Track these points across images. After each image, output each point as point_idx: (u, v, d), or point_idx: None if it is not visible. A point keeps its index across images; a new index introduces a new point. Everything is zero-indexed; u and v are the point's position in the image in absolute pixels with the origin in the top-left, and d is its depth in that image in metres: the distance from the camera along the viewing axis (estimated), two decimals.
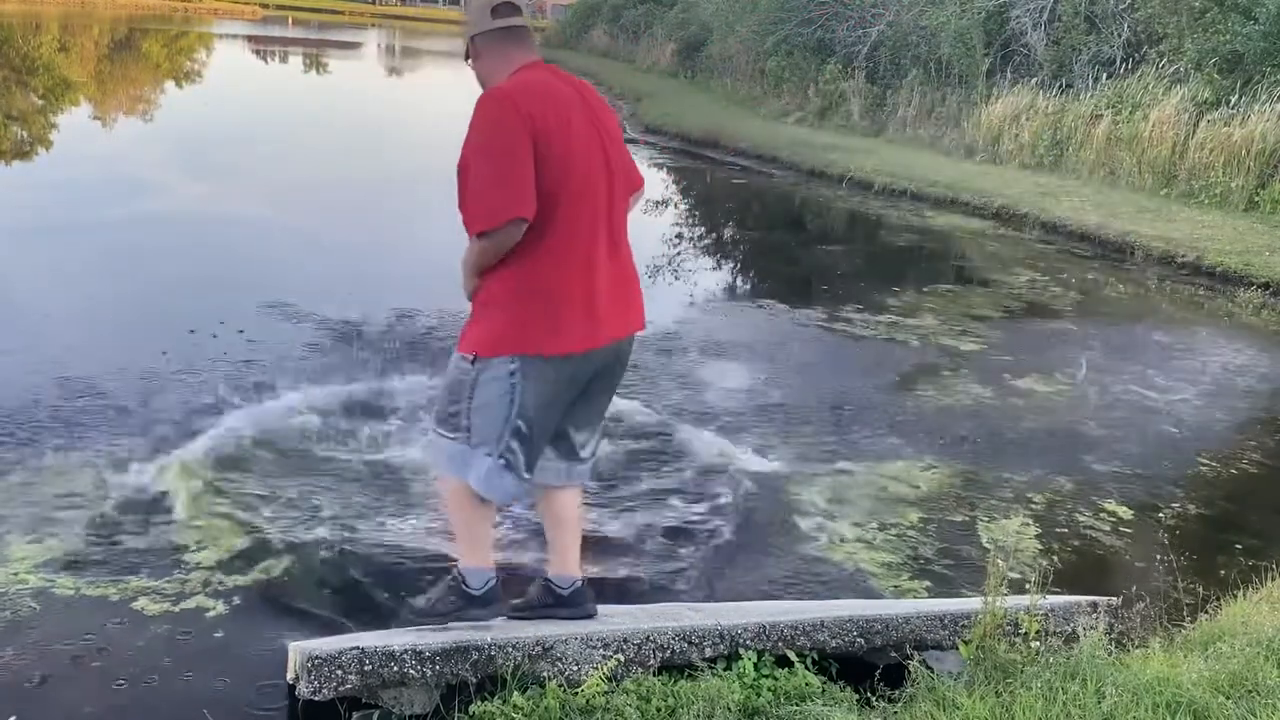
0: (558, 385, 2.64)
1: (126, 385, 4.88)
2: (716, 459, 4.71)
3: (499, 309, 2.61)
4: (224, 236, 8.53)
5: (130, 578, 3.33)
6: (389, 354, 5.66)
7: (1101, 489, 4.84)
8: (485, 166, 2.52)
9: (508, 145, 2.50)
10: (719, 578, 3.72)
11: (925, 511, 4.41)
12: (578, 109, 2.63)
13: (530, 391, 2.60)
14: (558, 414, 2.71)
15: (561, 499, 2.94)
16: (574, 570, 2.99)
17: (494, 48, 2.71)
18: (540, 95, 2.57)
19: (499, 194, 2.50)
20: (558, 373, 2.62)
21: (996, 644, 2.84)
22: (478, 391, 2.62)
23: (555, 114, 2.56)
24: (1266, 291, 9.10)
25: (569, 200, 2.56)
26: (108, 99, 17.23)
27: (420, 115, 20.30)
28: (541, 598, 2.99)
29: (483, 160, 2.53)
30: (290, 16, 52.93)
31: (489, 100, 2.56)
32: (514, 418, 2.61)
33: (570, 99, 2.63)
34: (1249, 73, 13.13)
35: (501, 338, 2.60)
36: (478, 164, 2.54)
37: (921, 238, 11.30)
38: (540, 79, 2.64)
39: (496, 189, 2.50)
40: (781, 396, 5.69)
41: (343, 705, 2.62)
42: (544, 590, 3.00)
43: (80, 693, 2.81)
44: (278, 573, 3.44)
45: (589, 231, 2.61)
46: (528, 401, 2.61)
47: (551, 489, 2.91)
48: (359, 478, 4.17)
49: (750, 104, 20.96)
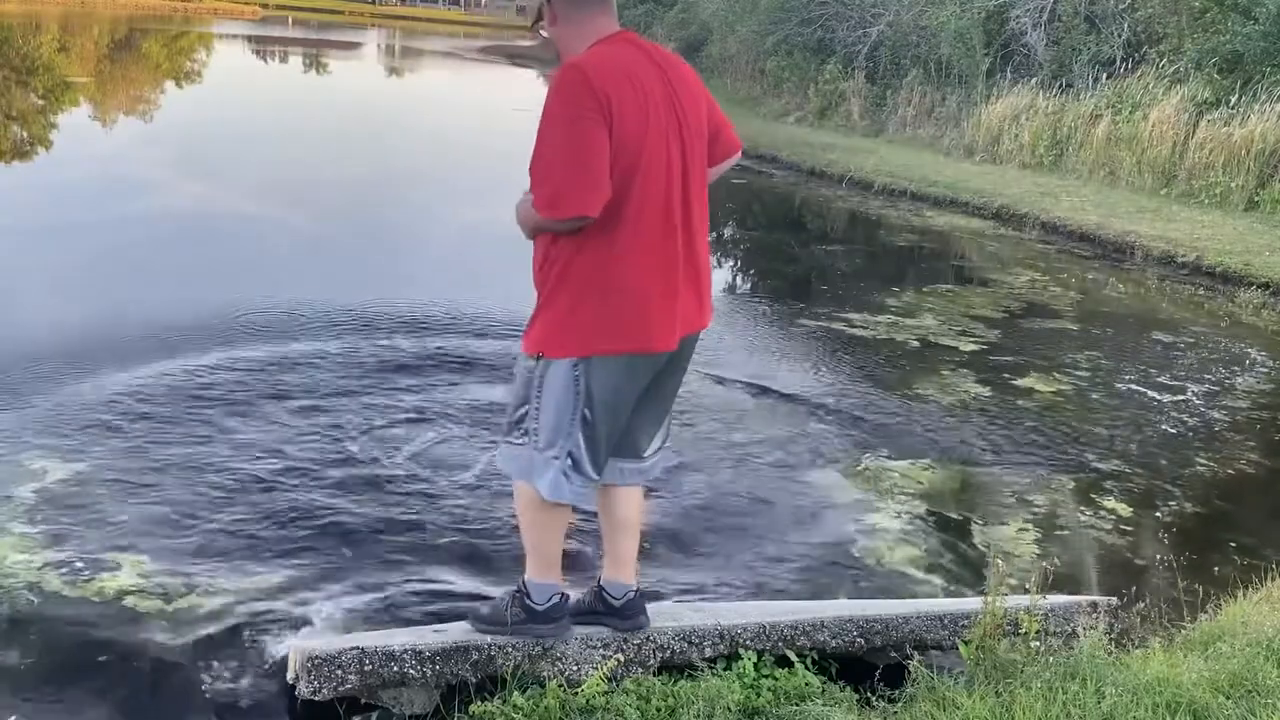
0: (623, 383, 2.55)
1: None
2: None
3: (562, 305, 2.50)
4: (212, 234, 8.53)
5: (132, 574, 3.33)
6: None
7: (1101, 488, 4.84)
8: (559, 146, 2.39)
9: (582, 129, 2.36)
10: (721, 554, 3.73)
11: (927, 511, 4.41)
12: (659, 90, 2.48)
13: (596, 390, 2.51)
14: (625, 412, 2.61)
15: (622, 498, 2.82)
16: (629, 577, 2.87)
17: (574, 14, 2.55)
18: (621, 74, 2.42)
19: (568, 183, 2.38)
20: (624, 371, 2.53)
21: (996, 644, 2.84)
22: (545, 390, 2.54)
23: (634, 96, 2.42)
24: (1266, 291, 9.10)
25: (640, 191, 2.44)
26: (107, 99, 17.23)
27: (417, 116, 20.30)
28: (593, 604, 2.88)
29: (559, 135, 2.39)
30: (290, 16, 52.92)
31: (569, 74, 2.40)
32: (580, 417, 2.52)
33: (651, 80, 2.47)
34: (1249, 73, 13.13)
35: (565, 337, 2.50)
36: (552, 137, 2.40)
37: (921, 238, 11.30)
38: (622, 55, 2.48)
39: (567, 175, 2.38)
40: (782, 397, 5.69)
41: (342, 705, 2.62)
42: (596, 597, 2.89)
43: (81, 692, 2.81)
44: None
45: (658, 224, 2.49)
46: (594, 401, 2.52)
47: (612, 488, 2.79)
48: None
49: (750, 104, 20.97)
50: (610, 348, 2.49)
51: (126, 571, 3.36)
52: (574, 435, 2.55)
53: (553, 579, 2.76)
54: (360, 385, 5.18)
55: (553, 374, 2.53)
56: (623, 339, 2.49)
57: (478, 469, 4.33)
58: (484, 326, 6.28)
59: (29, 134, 13.06)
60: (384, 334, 6.04)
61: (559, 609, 2.75)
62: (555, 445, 2.57)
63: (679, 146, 2.51)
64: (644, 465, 2.81)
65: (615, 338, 2.49)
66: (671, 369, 2.68)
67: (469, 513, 3.96)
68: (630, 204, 2.43)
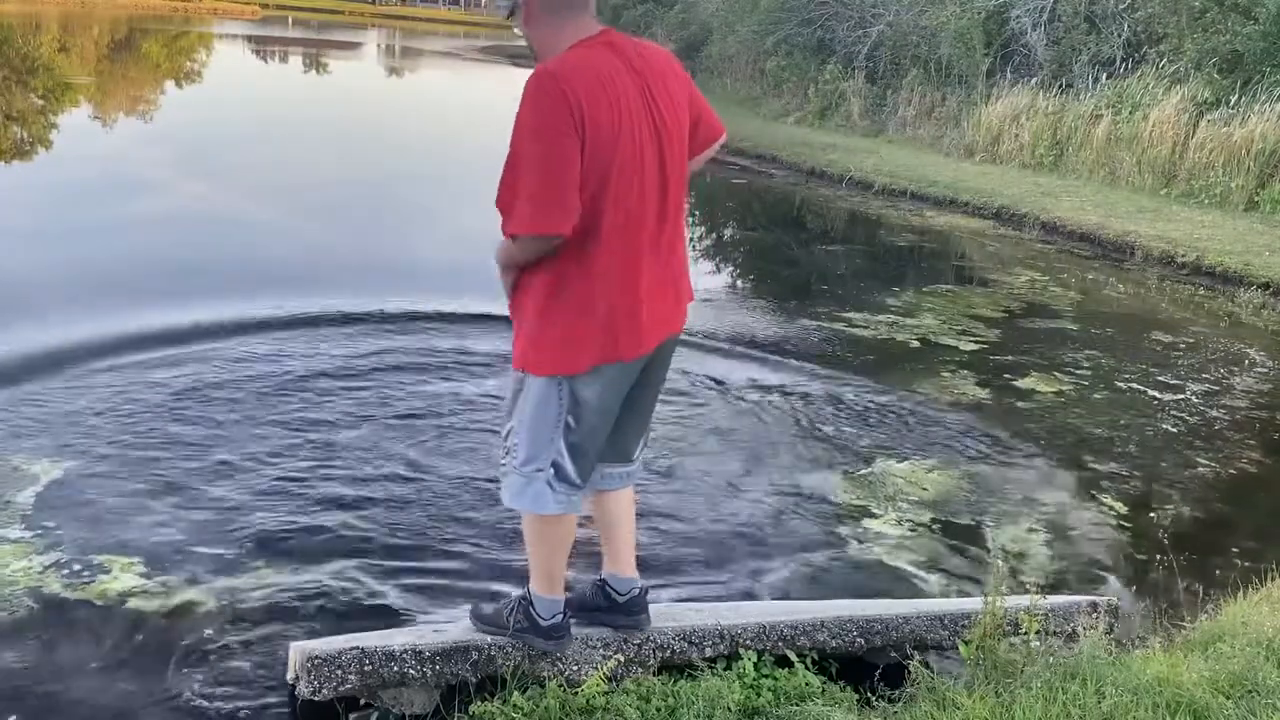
0: (606, 391, 2.54)
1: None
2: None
3: (540, 322, 2.48)
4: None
5: (130, 576, 3.33)
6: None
7: (1101, 489, 4.84)
8: (531, 160, 2.31)
9: (555, 143, 2.29)
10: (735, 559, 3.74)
11: (928, 512, 4.41)
12: (634, 96, 2.40)
13: (580, 399, 2.51)
14: (610, 418, 2.61)
15: (613, 499, 2.83)
16: (630, 570, 2.86)
17: (548, 14, 2.45)
18: (595, 81, 2.33)
19: (540, 199, 2.32)
20: (604, 383, 2.52)
21: (996, 644, 2.84)
22: (528, 402, 2.54)
23: (608, 104, 2.33)
24: (1266, 291, 9.10)
25: (613, 203, 2.38)
26: (107, 99, 17.22)
27: (415, 117, 20.31)
28: (594, 599, 2.87)
29: (530, 149, 2.32)
30: (290, 16, 52.91)
31: (540, 81, 2.31)
32: (564, 425, 2.53)
33: (627, 86, 2.39)
34: (1249, 73, 13.14)
35: (545, 353, 2.49)
36: (523, 151, 2.32)
37: (921, 238, 11.30)
38: (598, 60, 2.38)
39: (538, 192, 2.32)
40: (781, 396, 5.69)
41: (341, 705, 2.62)
42: (598, 591, 2.87)
43: (81, 693, 2.81)
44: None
45: (633, 235, 2.44)
46: (579, 408, 2.52)
47: (603, 493, 2.81)
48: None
49: (750, 104, 20.96)
50: (589, 361, 2.48)
51: (125, 573, 3.36)
52: (556, 443, 2.55)
53: (557, 594, 2.74)
54: (358, 383, 5.18)
55: (534, 386, 2.53)
56: (601, 351, 2.47)
57: (482, 470, 4.33)
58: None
59: (29, 134, 13.06)
60: (383, 334, 6.04)
61: (561, 627, 2.74)
62: (536, 459, 2.57)
63: (655, 153, 2.45)
64: (632, 469, 2.83)
65: (593, 351, 2.47)
66: (653, 372, 2.68)
67: (476, 514, 3.96)
68: (604, 216, 2.38)
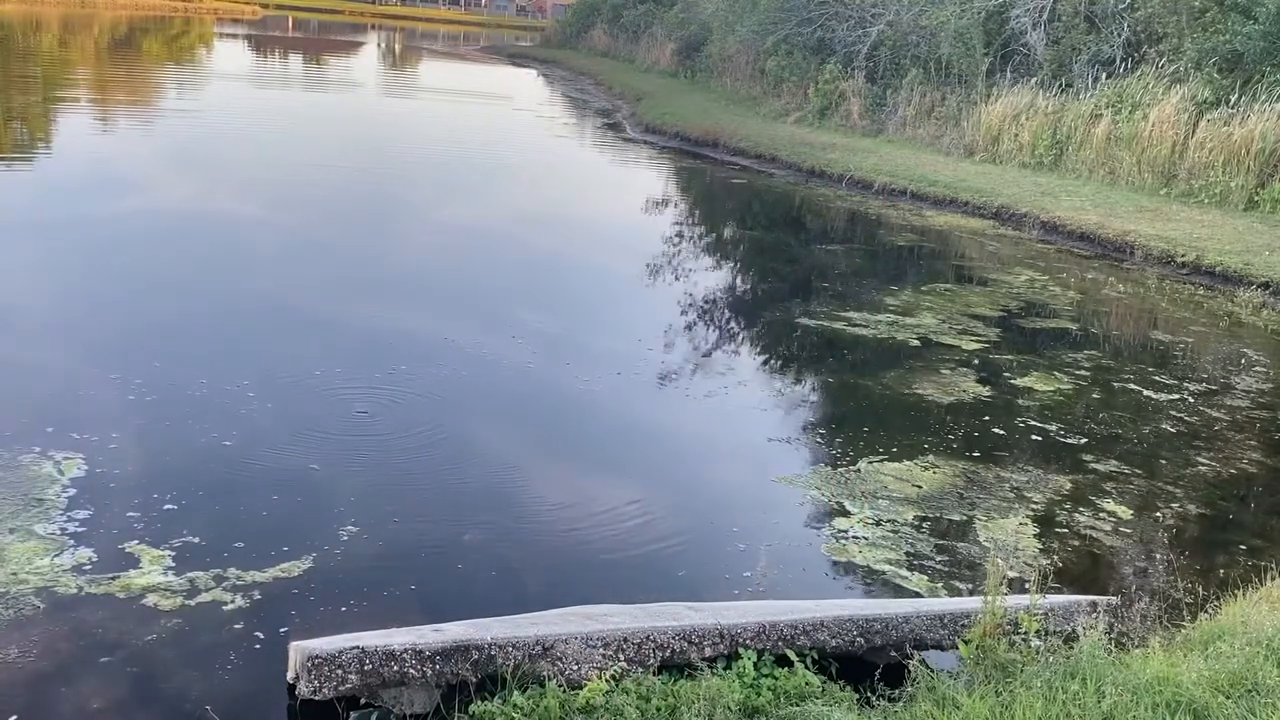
0: None
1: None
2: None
3: None
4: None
5: (152, 571, 3.33)
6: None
7: (1101, 488, 4.84)
8: None
9: None
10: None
11: (927, 510, 4.41)
12: None
13: None
14: None
15: None
16: None
17: None
18: None
19: None
20: None
21: (996, 644, 2.84)
22: None
23: None
24: (1266, 291, 9.10)
25: None
26: (107, 99, 17.20)
27: (417, 115, 20.29)
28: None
29: None
30: (290, 16, 52.87)
31: None
32: None
33: None
34: (1249, 72, 13.14)
35: None
36: None
37: (921, 237, 11.29)
38: None
39: None
40: (781, 396, 5.69)
41: (341, 705, 2.62)
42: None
43: (85, 689, 2.80)
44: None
45: None
46: None
47: None
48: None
49: (750, 104, 20.96)
50: None
51: (147, 568, 3.37)
52: None
53: None
54: (377, 383, 5.18)
55: None
56: None
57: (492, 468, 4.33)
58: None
59: (28, 133, 13.05)
60: (379, 331, 6.04)
61: None
62: None
63: None
64: None
65: None
66: None
67: (505, 520, 3.96)
68: None
